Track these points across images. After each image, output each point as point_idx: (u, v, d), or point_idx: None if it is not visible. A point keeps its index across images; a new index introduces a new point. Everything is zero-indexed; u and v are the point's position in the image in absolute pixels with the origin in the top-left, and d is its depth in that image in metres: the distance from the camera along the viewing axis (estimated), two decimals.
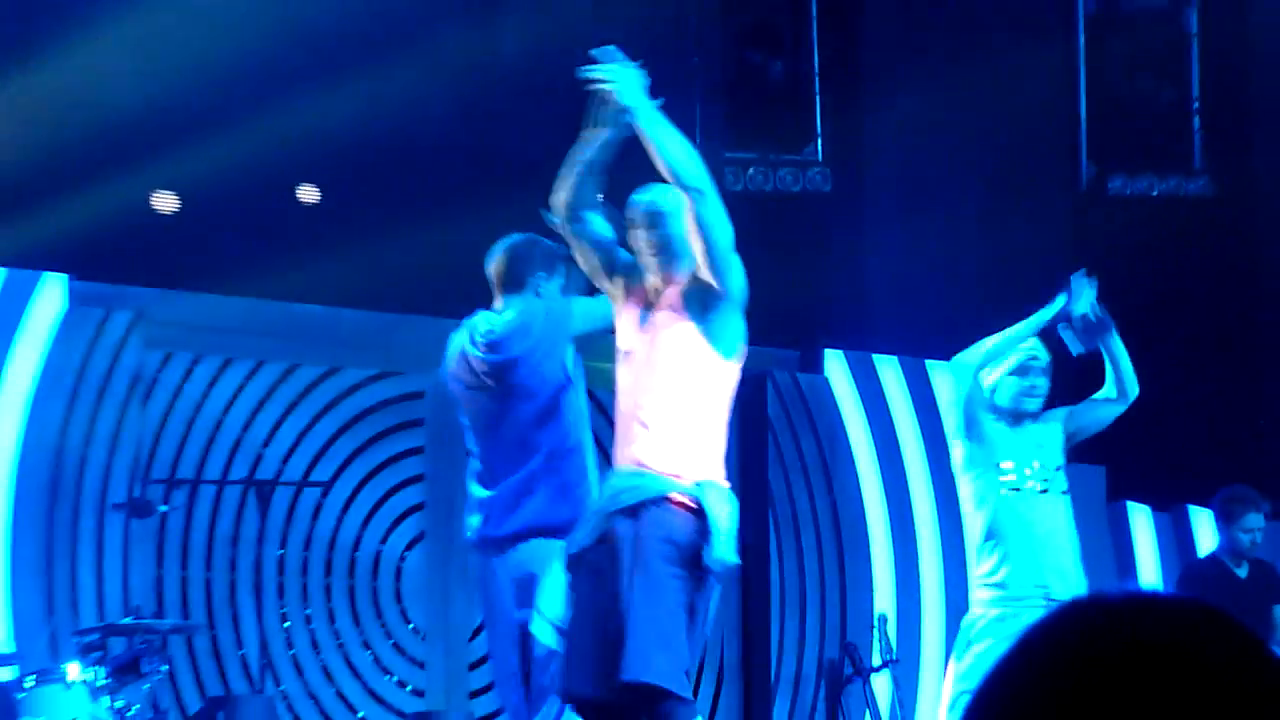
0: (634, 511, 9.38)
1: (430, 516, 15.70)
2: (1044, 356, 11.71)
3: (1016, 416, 11.60)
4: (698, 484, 9.41)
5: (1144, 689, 2.06)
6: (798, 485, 16.48)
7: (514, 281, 10.82)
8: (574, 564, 9.64)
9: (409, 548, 15.69)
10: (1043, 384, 11.65)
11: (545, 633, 10.25)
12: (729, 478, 9.85)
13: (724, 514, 9.41)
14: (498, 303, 10.85)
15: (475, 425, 10.88)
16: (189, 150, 15.28)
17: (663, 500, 9.27)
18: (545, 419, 10.57)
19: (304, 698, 15.04)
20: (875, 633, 15.96)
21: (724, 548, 9.31)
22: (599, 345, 10.93)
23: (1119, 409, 11.88)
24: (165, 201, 15.44)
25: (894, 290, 17.42)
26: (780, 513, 16.40)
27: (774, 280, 14.37)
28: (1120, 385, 11.72)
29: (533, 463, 10.62)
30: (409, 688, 15.57)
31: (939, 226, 17.22)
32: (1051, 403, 11.78)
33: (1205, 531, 16.64)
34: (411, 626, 15.64)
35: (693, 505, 9.27)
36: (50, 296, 14.39)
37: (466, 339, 10.78)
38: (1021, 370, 11.61)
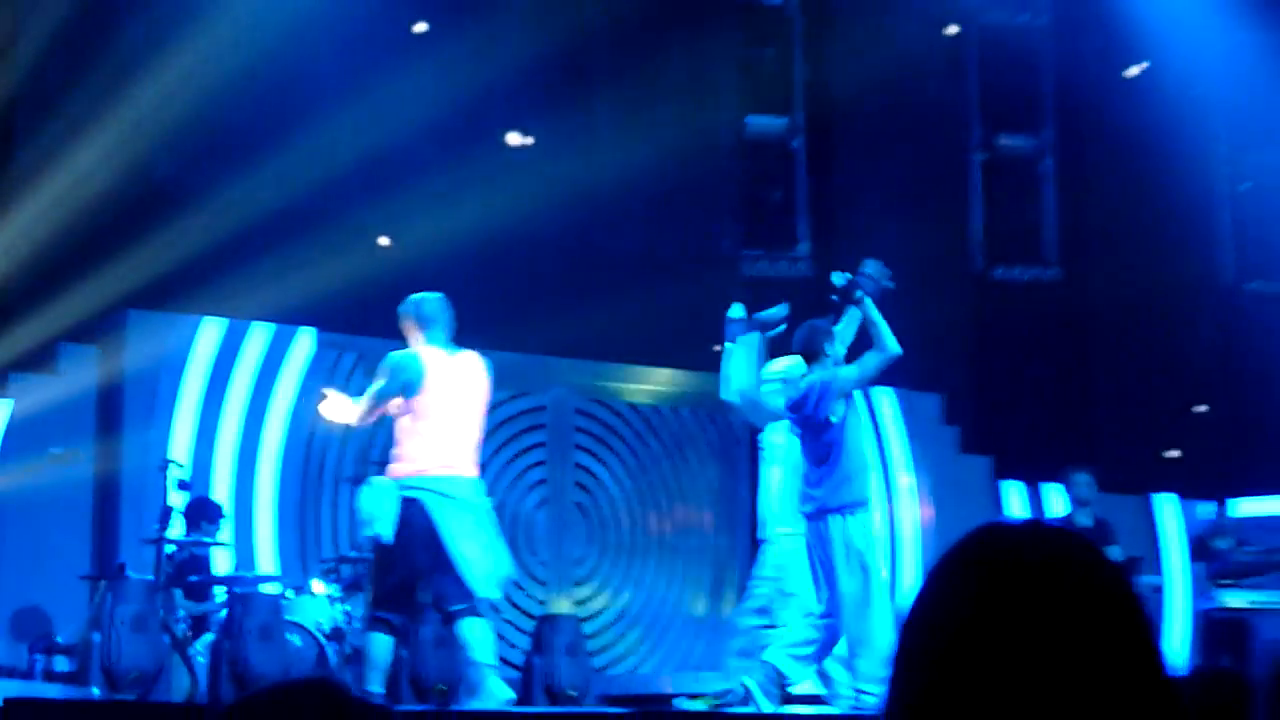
0: None
1: (550, 486, 15.86)
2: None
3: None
4: None
5: (1028, 593, 1.94)
6: None
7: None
8: None
9: (537, 507, 15.76)
10: None
11: None
12: None
13: None
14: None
15: None
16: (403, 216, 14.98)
17: None
18: None
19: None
20: None
21: None
22: None
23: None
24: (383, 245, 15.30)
25: None
26: None
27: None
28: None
29: None
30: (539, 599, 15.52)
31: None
32: None
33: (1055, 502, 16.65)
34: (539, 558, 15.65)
35: None
36: (303, 343, 14.54)
37: None
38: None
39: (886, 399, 16.63)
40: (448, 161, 15.00)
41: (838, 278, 10.35)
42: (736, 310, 10.63)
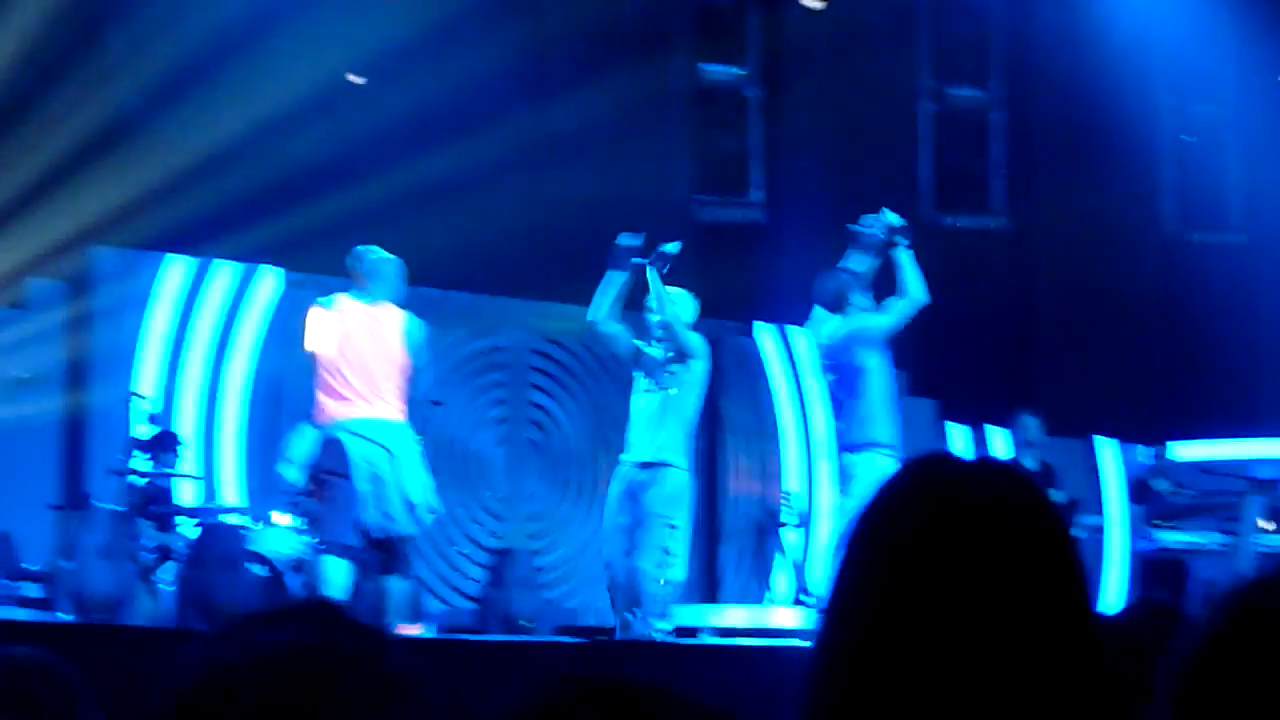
0: None
1: (508, 425, 15.97)
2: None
3: None
4: None
5: (968, 528, 1.96)
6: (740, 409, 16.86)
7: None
8: None
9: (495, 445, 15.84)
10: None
11: None
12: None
13: None
14: None
15: None
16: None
17: None
18: None
19: (422, 541, 15.29)
20: (786, 502, 16.37)
21: None
22: None
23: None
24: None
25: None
26: (726, 427, 16.90)
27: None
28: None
29: None
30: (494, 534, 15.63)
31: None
32: None
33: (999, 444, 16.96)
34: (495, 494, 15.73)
35: None
36: (268, 281, 14.72)
37: None
38: None
39: None
40: (406, 102, 15.14)
41: (879, 223, 10.64)
42: (626, 239, 10.71)
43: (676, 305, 10.54)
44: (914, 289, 10.48)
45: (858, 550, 2.01)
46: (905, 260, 10.57)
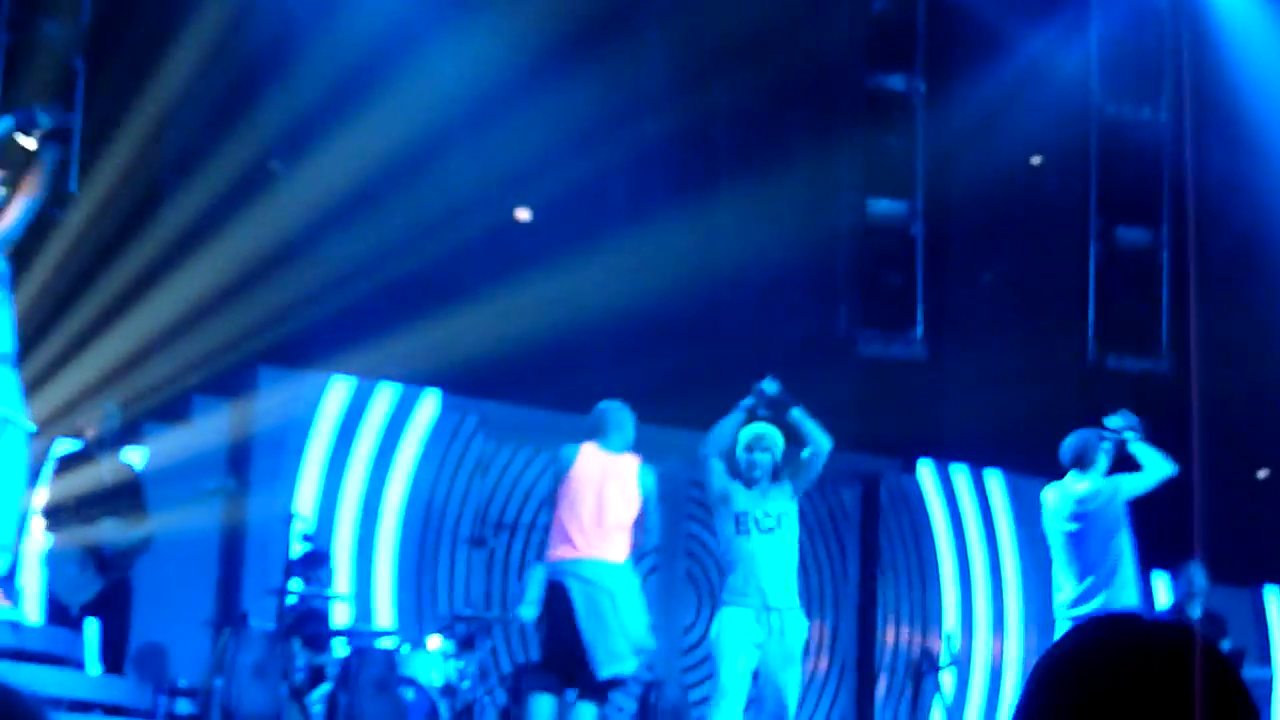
0: None
1: (661, 554, 15.88)
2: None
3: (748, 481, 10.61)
4: None
5: (1143, 687, 1.95)
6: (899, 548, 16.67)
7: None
8: None
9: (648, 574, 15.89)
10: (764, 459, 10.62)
11: None
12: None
13: None
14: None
15: None
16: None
17: None
18: None
19: None
20: (944, 643, 16.13)
21: None
22: None
23: (819, 460, 10.63)
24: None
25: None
26: (884, 565, 16.65)
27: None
28: (813, 442, 10.57)
29: None
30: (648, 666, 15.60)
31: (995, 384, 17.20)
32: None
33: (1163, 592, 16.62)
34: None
35: None
36: (429, 404, 14.79)
37: None
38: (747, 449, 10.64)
39: (995, 480, 16.71)
40: (574, 235, 15.18)
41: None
42: (771, 385, 10.75)
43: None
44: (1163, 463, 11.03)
45: (1035, 707, 2.01)
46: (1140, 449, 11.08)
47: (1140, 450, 11.16)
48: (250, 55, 14.31)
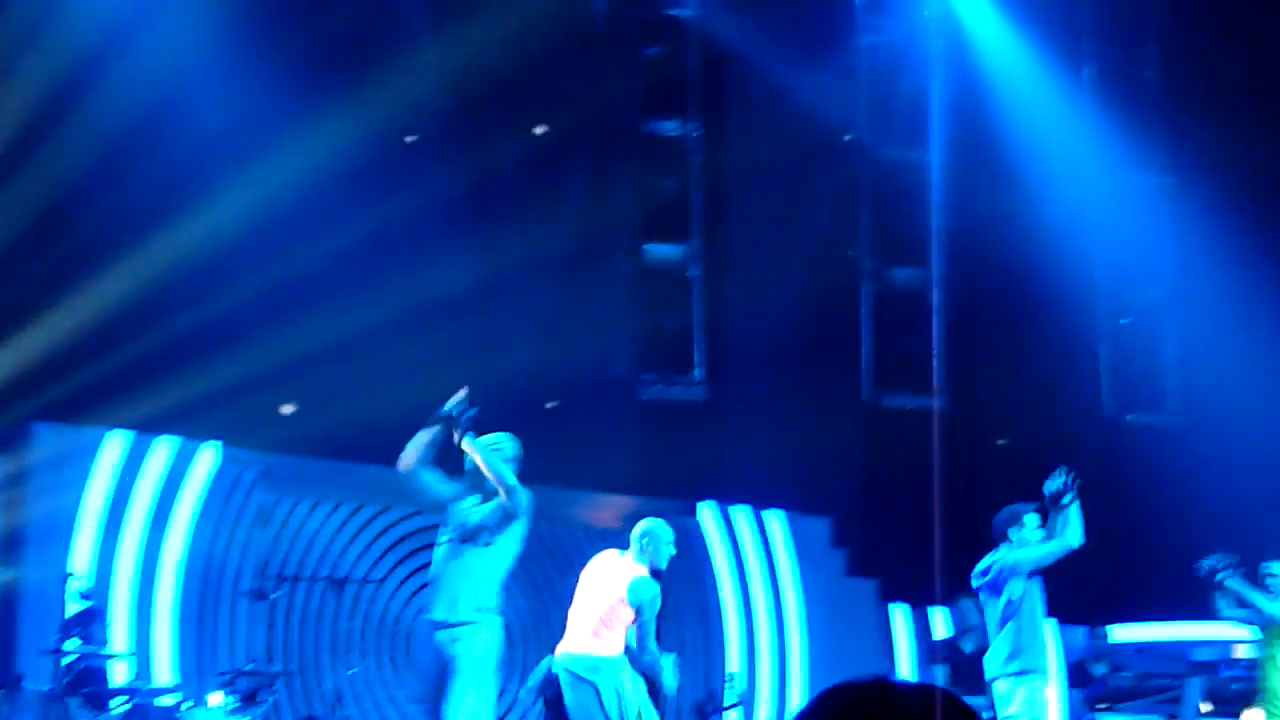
0: None
1: None
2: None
3: None
4: None
5: None
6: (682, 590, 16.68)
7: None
8: None
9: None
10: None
11: None
12: None
13: None
14: None
15: None
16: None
17: None
18: None
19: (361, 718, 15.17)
20: (728, 684, 16.15)
21: None
22: None
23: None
24: (287, 410, 15.36)
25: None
26: (667, 608, 16.55)
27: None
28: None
29: None
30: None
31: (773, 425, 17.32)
32: None
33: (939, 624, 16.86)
34: None
35: None
36: (208, 456, 14.56)
37: None
38: None
39: (776, 521, 16.82)
40: (353, 283, 15.10)
41: (1053, 485, 11.20)
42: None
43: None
44: (1071, 534, 11.22)
45: None
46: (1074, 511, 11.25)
47: (1074, 513, 11.36)
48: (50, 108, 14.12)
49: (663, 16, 17.74)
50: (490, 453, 10.06)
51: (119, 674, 12.86)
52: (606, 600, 10.88)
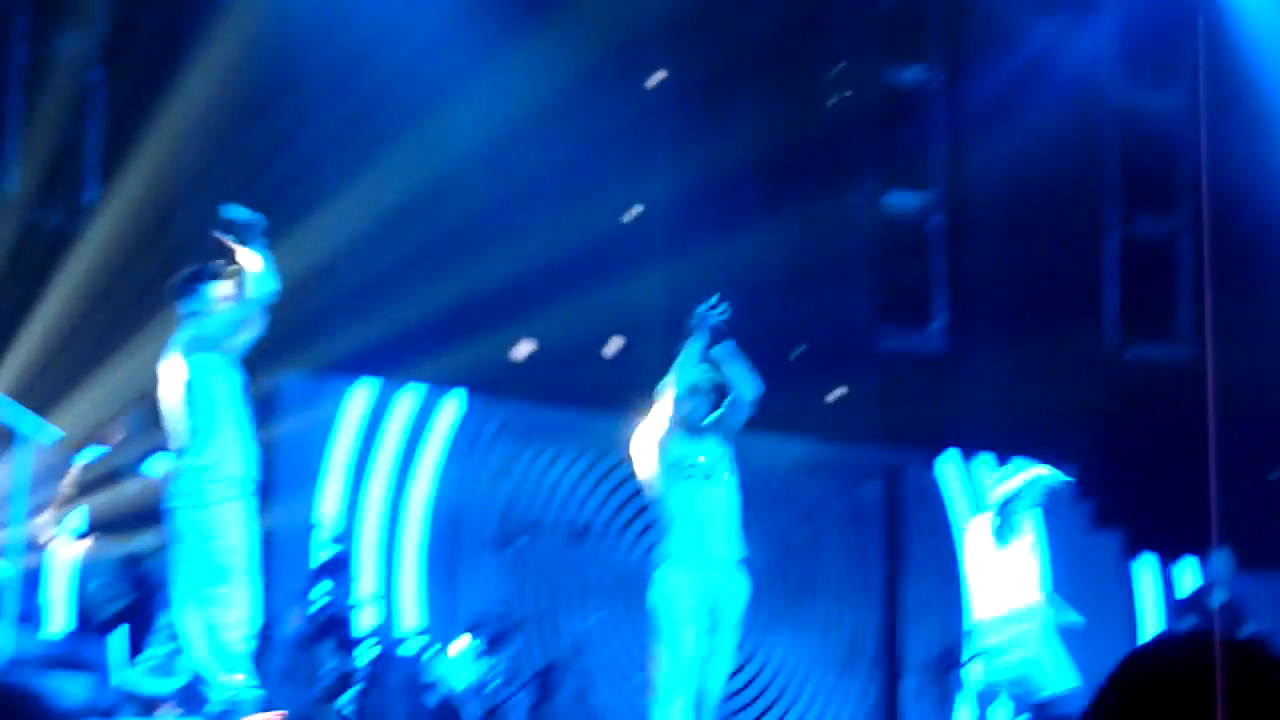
0: None
1: None
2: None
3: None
4: None
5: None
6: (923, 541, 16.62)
7: None
8: None
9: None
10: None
11: None
12: None
13: None
14: None
15: None
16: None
17: None
18: None
19: (606, 667, 14.92)
20: (969, 636, 16.03)
21: None
22: None
23: (742, 410, 10.02)
24: (523, 349, 15.49)
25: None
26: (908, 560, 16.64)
27: None
28: (735, 393, 9.95)
29: None
30: None
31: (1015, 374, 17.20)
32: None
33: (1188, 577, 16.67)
34: None
35: None
36: (452, 405, 14.80)
37: None
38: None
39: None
40: (597, 237, 15.18)
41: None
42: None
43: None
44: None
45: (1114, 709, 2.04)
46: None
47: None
48: (266, 66, 14.31)
49: None
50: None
51: (365, 621, 13.10)
52: None
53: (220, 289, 9.15)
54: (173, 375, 9.01)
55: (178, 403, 8.97)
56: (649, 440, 10.04)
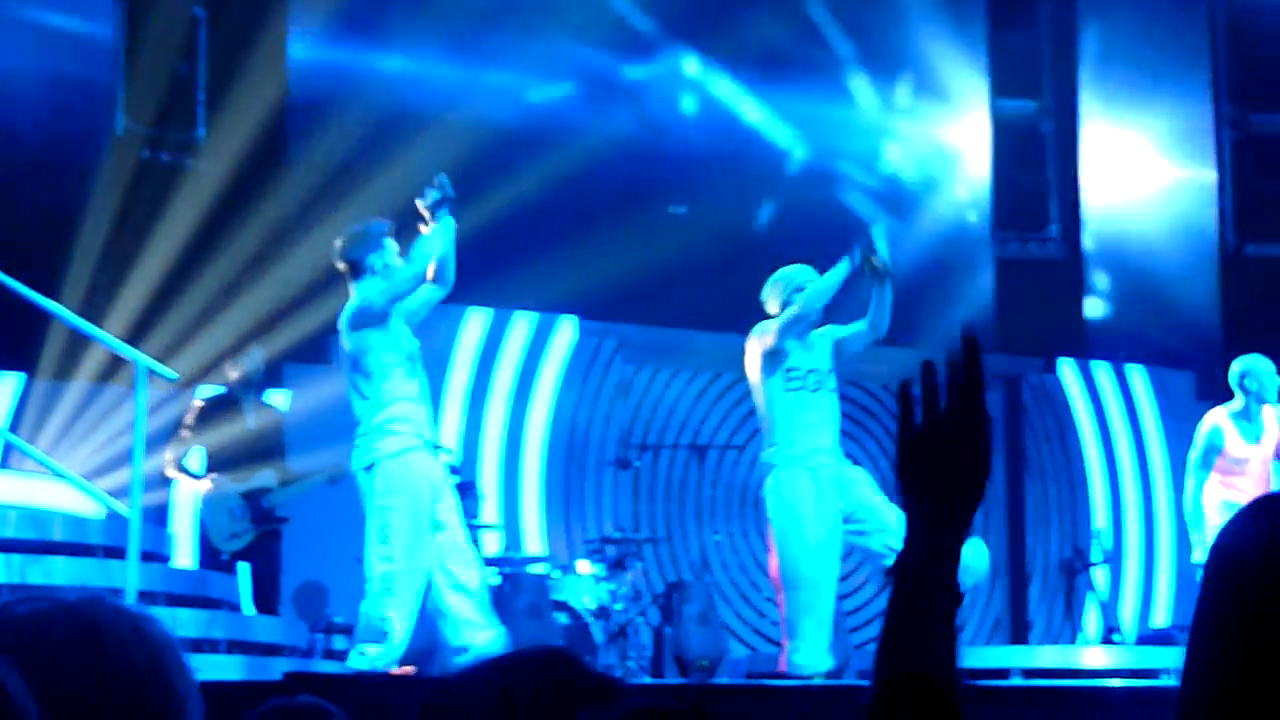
0: None
1: None
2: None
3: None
4: None
5: None
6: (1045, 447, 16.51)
7: None
8: None
9: None
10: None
11: None
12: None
13: None
14: None
15: None
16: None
17: None
18: None
19: (728, 585, 15.18)
20: (1094, 540, 15.96)
21: None
22: None
23: (869, 339, 9.87)
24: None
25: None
26: (1030, 466, 16.50)
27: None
28: (874, 321, 9.78)
29: None
30: None
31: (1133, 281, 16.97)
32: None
33: None
34: None
35: None
36: (566, 330, 14.85)
37: None
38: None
39: (1139, 376, 16.47)
40: (698, 158, 15.12)
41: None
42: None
43: None
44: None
45: (1212, 593, 1.90)
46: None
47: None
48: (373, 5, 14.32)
49: None
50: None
51: (490, 545, 13.13)
52: None
53: (395, 246, 9.12)
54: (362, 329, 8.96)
55: (373, 357, 8.95)
56: (763, 348, 9.90)
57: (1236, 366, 11.17)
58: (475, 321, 14.42)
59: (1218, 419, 11.26)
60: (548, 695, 2.24)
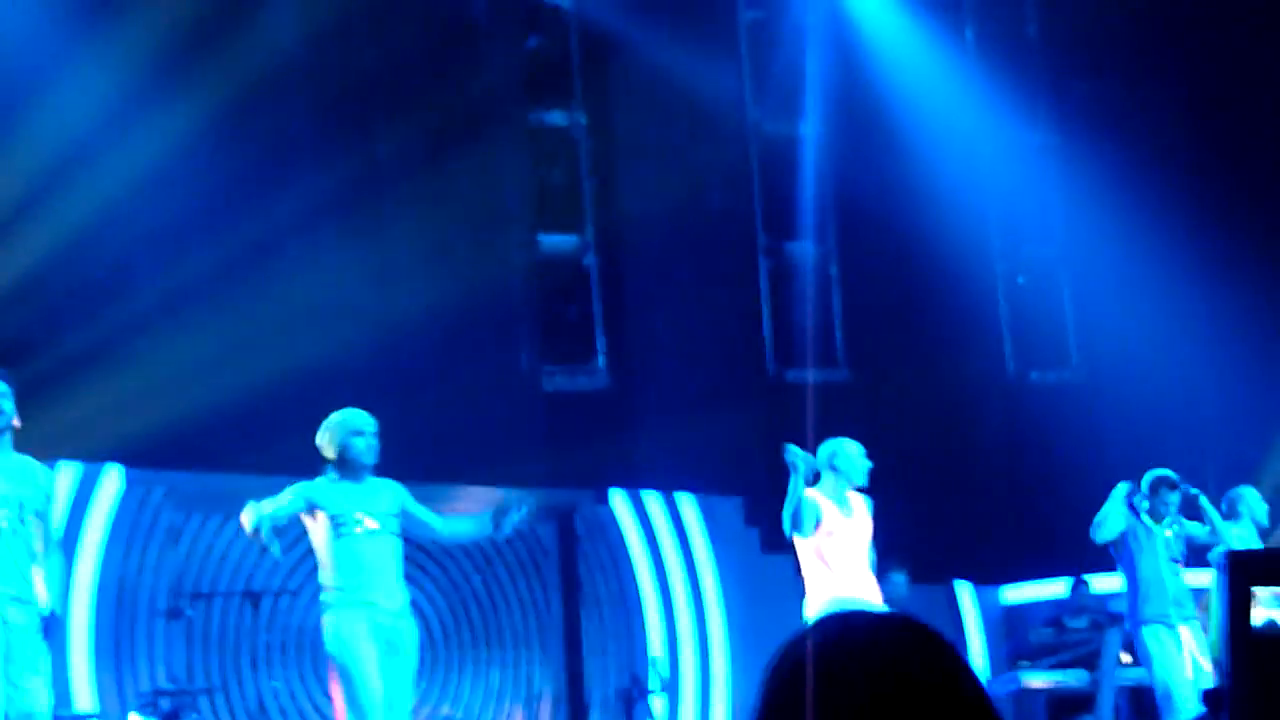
0: None
1: None
2: None
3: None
4: None
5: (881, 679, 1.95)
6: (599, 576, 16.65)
7: None
8: None
9: None
10: None
11: None
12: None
13: None
14: None
15: None
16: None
17: None
18: None
19: None
20: (651, 668, 16.12)
21: None
22: None
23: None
24: None
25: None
26: (585, 597, 16.58)
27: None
28: (452, 534, 10.93)
29: None
30: None
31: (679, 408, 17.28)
32: None
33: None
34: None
35: None
36: (112, 479, 14.50)
37: None
38: None
39: (688, 503, 16.79)
40: (244, 292, 14.94)
41: None
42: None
43: None
44: None
45: (775, 703, 1.99)
46: None
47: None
48: None
49: (542, 6, 17.66)
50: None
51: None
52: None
53: None
54: None
55: None
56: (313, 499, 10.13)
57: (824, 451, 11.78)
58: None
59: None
60: None
